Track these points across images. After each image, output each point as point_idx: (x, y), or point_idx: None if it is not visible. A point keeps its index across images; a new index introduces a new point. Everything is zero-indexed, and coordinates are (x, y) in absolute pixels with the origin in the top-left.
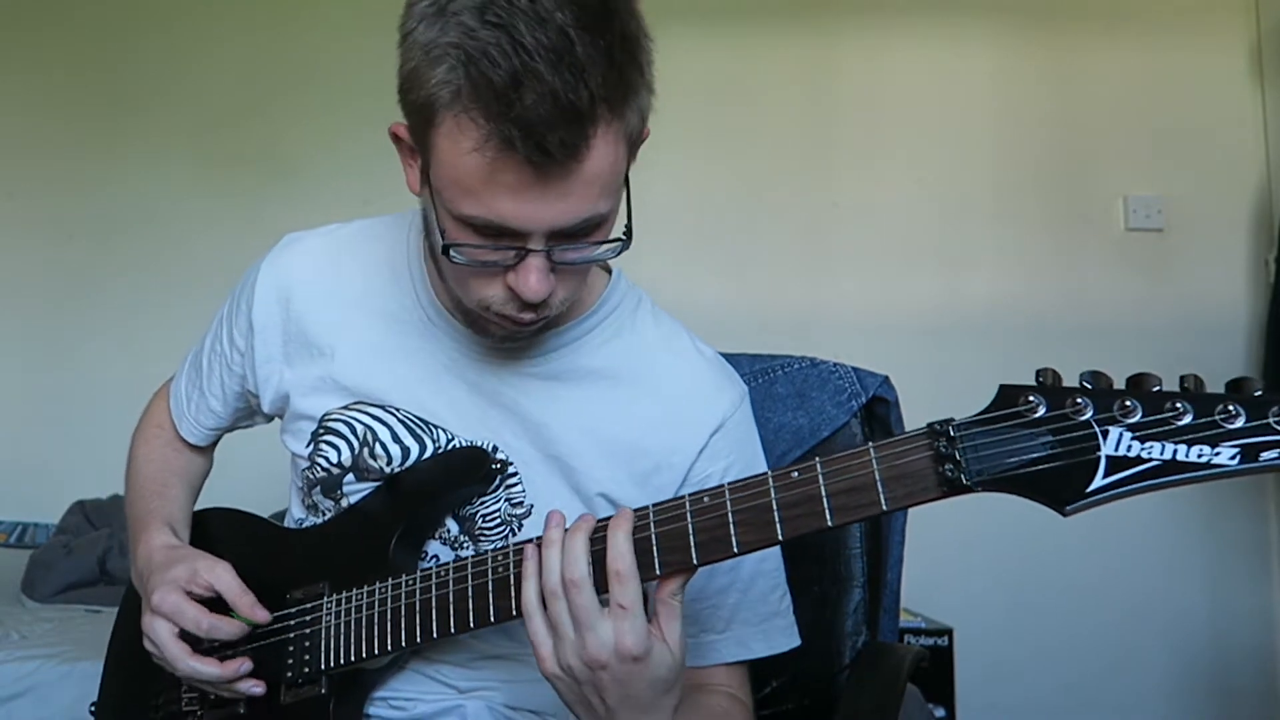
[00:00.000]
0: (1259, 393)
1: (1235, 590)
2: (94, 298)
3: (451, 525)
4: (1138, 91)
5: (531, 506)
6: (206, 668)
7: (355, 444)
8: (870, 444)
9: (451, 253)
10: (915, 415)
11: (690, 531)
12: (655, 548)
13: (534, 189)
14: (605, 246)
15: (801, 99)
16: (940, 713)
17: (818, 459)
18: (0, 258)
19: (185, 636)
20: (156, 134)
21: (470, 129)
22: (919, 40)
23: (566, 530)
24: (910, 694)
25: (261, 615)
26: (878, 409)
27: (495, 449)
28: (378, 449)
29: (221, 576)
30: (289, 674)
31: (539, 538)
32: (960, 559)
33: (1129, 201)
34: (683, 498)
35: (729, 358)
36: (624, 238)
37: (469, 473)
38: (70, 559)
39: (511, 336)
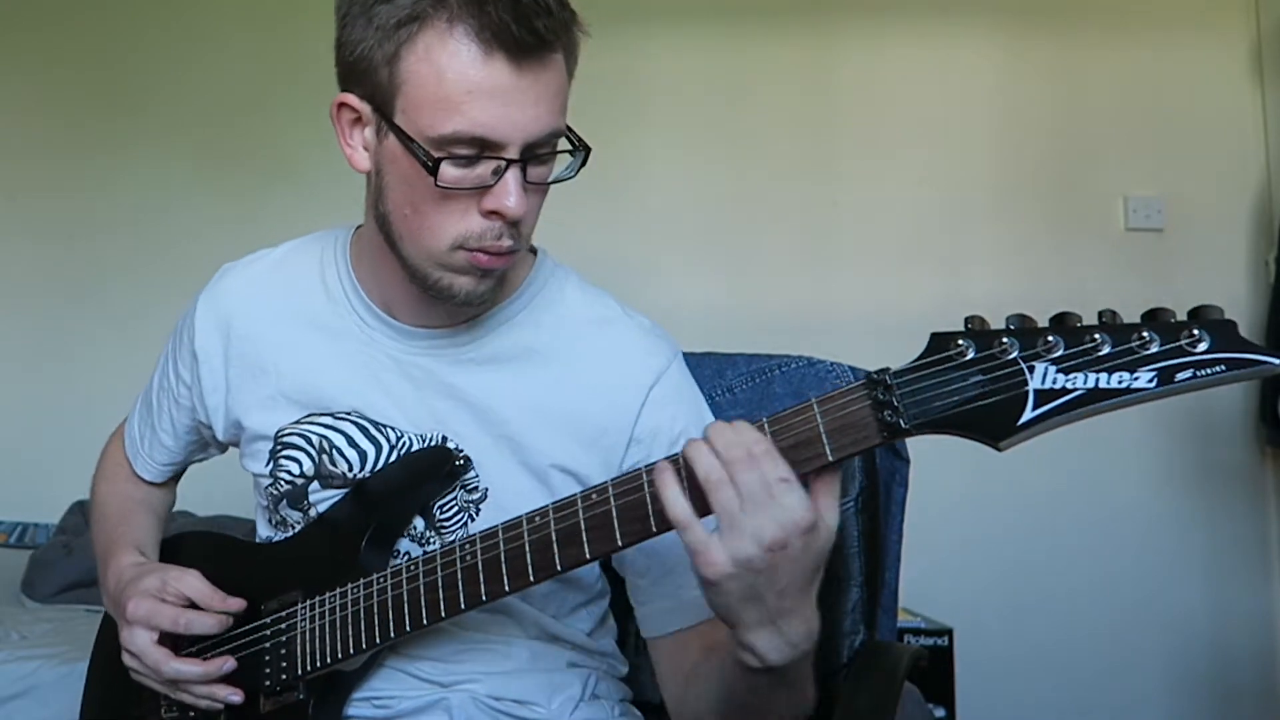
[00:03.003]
0: (1173, 320)
1: (1235, 590)
2: (94, 298)
3: (418, 522)
4: (1138, 91)
5: (487, 490)
6: (190, 667)
7: (314, 454)
8: (814, 398)
9: (440, 170)
10: None
11: (648, 500)
12: (615, 519)
13: (514, 90)
14: (564, 163)
15: (801, 98)
16: (940, 713)
17: (764, 418)
18: (1, 259)
19: (164, 642)
20: (157, 134)
21: (459, 30)
22: (919, 40)
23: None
24: (909, 693)
25: (235, 604)
26: None
27: (445, 439)
28: (336, 456)
29: (191, 583)
30: (267, 682)
31: (672, 456)
32: (960, 559)
33: (1129, 201)
34: (639, 470)
35: (726, 358)
36: (582, 150)
37: (432, 472)
38: (70, 559)
39: (473, 296)
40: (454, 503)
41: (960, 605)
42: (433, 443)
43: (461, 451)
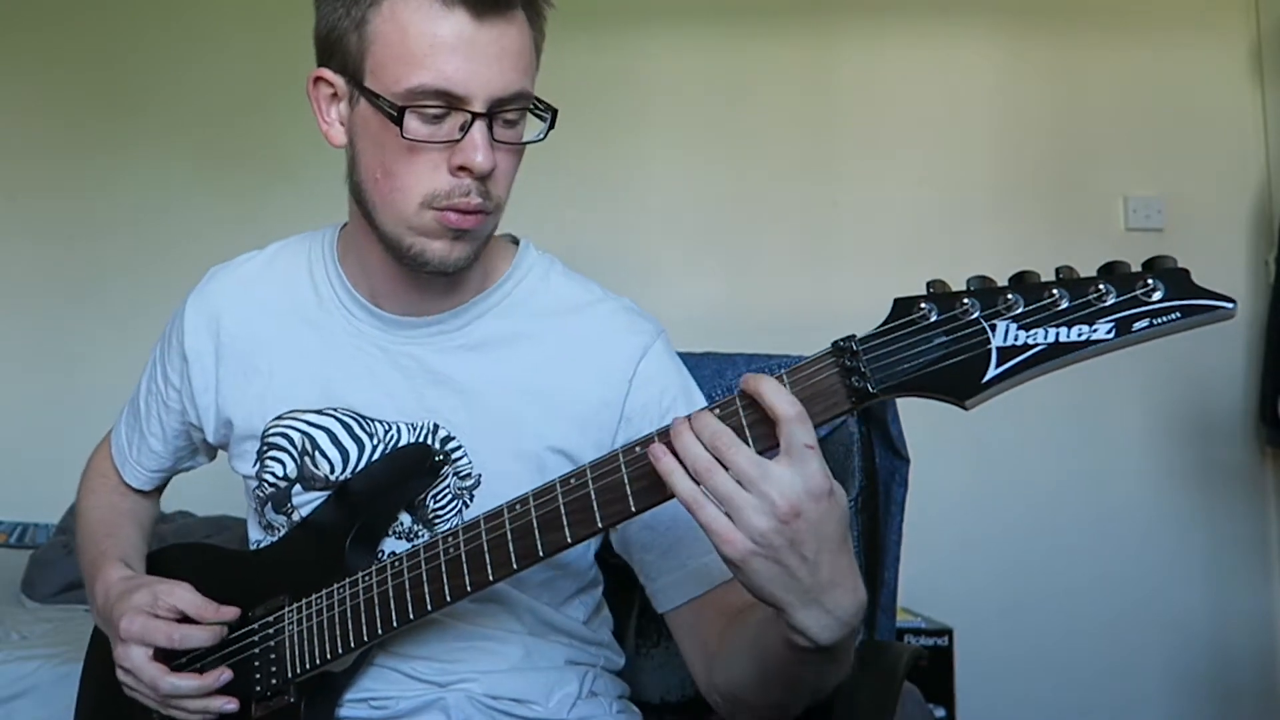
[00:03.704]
0: (1128, 271)
1: (1235, 590)
2: (94, 298)
3: (404, 518)
4: (1138, 91)
5: (480, 476)
6: (187, 681)
7: (297, 455)
8: (782, 370)
9: (404, 120)
10: (913, 412)
11: (625, 480)
12: (594, 502)
13: (474, 44)
14: (536, 128)
15: (801, 99)
16: (940, 712)
17: (736, 393)
18: (1, 259)
19: (158, 657)
20: (157, 134)
21: None
22: (919, 40)
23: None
24: (909, 693)
25: (229, 613)
26: (874, 407)
27: (436, 427)
28: (318, 457)
29: (182, 596)
30: (257, 688)
31: (663, 432)
32: (960, 559)
33: (1129, 201)
34: (616, 452)
35: (726, 358)
36: (549, 111)
37: (415, 468)
38: (70, 559)
39: (447, 262)
40: (447, 491)
41: (960, 605)
42: (423, 431)
43: (453, 439)
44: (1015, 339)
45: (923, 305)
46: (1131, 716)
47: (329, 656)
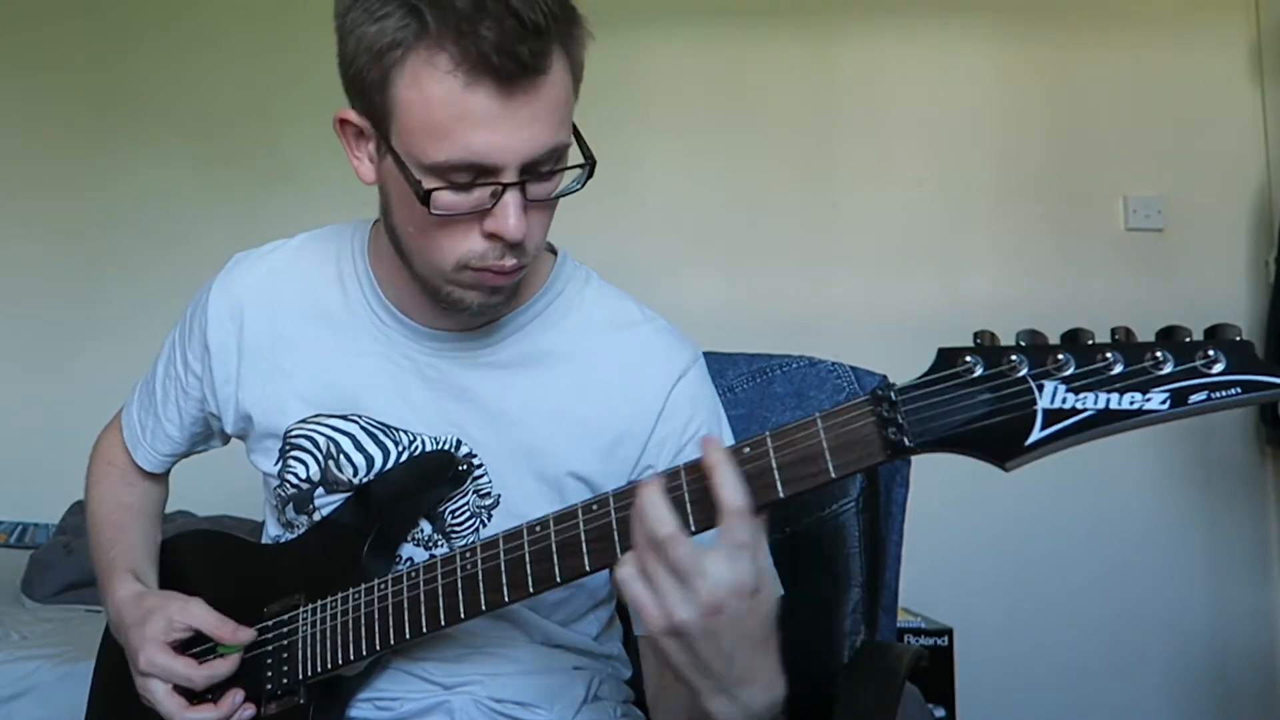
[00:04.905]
0: (1188, 340)
1: (1235, 590)
2: (94, 298)
3: (424, 525)
4: (1138, 91)
5: (499, 496)
6: (204, 715)
7: (320, 457)
8: (817, 414)
9: (431, 199)
10: None
11: None
12: (615, 532)
13: (504, 115)
14: (571, 176)
15: (801, 99)
16: (940, 713)
17: (768, 433)
18: (1, 259)
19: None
20: (157, 135)
21: (441, 60)
22: (919, 40)
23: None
24: (909, 693)
25: (245, 635)
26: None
27: (459, 443)
28: (343, 460)
29: (196, 614)
30: (269, 686)
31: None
32: (960, 559)
33: (1129, 201)
34: (638, 484)
35: (727, 357)
36: (587, 164)
37: (437, 476)
38: (70, 559)
39: (485, 309)
40: (466, 508)
41: (960, 605)
42: (447, 445)
43: (475, 456)
44: (1063, 401)
45: (968, 358)
46: (1131, 716)
47: (340, 661)
